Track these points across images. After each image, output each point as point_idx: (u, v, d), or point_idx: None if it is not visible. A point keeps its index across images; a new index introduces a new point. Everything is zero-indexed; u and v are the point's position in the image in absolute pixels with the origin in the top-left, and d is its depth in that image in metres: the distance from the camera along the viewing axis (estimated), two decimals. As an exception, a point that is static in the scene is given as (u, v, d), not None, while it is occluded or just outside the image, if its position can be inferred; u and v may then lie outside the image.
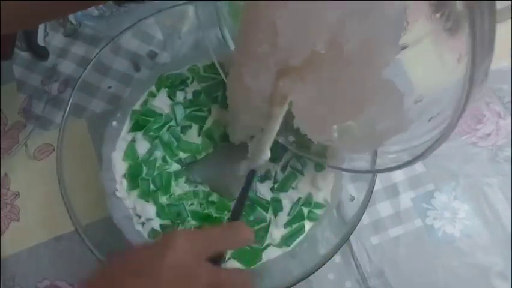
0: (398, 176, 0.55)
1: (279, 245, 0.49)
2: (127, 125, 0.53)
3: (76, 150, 0.50)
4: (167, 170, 0.51)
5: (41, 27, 0.63)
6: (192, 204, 0.50)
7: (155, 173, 0.51)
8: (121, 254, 0.34)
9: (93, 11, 0.60)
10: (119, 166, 0.51)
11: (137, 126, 0.53)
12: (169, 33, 0.58)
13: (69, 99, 0.49)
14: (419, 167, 0.55)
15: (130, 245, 0.39)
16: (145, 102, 0.54)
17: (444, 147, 0.55)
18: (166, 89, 0.54)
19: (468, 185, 0.54)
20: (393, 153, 0.40)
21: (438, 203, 0.54)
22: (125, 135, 0.53)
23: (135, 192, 0.50)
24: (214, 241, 0.34)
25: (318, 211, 0.50)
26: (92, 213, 0.48)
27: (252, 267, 0.47)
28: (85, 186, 0.49)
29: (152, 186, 0.50)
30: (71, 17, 0.64)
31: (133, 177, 0.50)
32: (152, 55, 0.58)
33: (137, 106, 0.54)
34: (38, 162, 0.57)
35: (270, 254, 0.48)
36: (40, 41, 0.62)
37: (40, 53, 0.62)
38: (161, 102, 0.54)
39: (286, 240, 0.49)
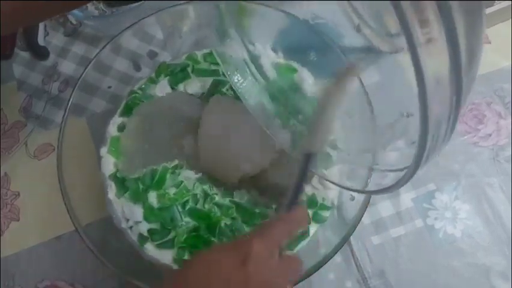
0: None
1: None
2: (120, 109, 0.53)
3: (76, 150, 0.50)
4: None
5: (41, 26, 0.63)
6: (187, 201, 0.47)
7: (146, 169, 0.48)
8: (190, 262, 0.36)
9: (93, 10, 0.60)
10: (108, 165, 0.50)
11: (128, 110, 0.52)
12: (169, 32, 0.58)
13: (69, 99, 0.49)
14: (419, 166, 0.55)
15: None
16: (144, 88, 0.54)
17: (446, 147, 0.55)
18: (168, 77, 0.54)
19: (469, 185, 0.54)
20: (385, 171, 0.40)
21: (439, 203, 0.53)
22: (115, 120, 0.52)
23: (125, 195, 0.48)
24: (280, 237, 0.36)
25: (324, 213, 0.49)
26: (92, 213, 0.48)
27: None
28: (85, 185, 0.49)
29: (141, 186, 0.48)
30: (71, 17, 0.64)
31: (120, 180, 0.49)
32: (153, 55, 0.58)
33: (136, 88, 0.54)
34: (38, 162, 0.57)
35: None
36: (40, 41, 0.62)
37: (40, 53, 0.62)
38: (162, 91, 0.53)
39: (289, 245, 0.47)
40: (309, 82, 0.53)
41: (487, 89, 0.58)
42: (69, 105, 0.49)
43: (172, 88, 0.54)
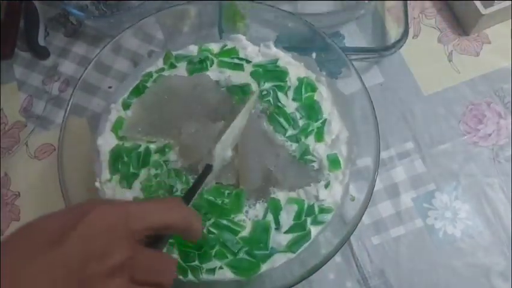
0: (399, 175, 0.54)
1: (284, 251, 0.47)
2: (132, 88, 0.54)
3: (77, 150, 0.50)
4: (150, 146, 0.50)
5: (42, 27, 0.63)
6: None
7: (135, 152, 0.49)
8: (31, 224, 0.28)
9: (94, 11, 0.60)
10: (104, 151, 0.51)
11: (138, 92, 0.53)
12: (169, 32, 0.58)
13: (70, 99, 0.49)
14: (419, 166, 0.55)
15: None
16: (160, 70, 0.54)
17: (445, 147, 0.55)
18: (185, 62, 0.54)
19: (469, 185, 0.54)
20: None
21: (439, 203, 0.53)
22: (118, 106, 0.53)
23: (116, 178, 0.49)
24: (143, 213, 0.29)
25: (325, 217, 0.48)
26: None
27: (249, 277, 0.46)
28: (86, 185, 0.49)
29: (132, 169, 0.49)
30: (71, 17, 0.64)
31: (115, 160, 0.49)
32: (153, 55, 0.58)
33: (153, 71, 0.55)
34: (39, 162, 0.57)
35: (275, 261, 0.46)
36: (41, 41, 0.62)
37: (41, 53, 0.62)
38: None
39: (291, 246, 0.47)
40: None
41: (487, 89, 0.58)
42: (69, 105, 0.49)
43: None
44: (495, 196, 0.53)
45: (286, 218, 0.47)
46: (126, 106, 0.53)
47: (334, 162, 0.49)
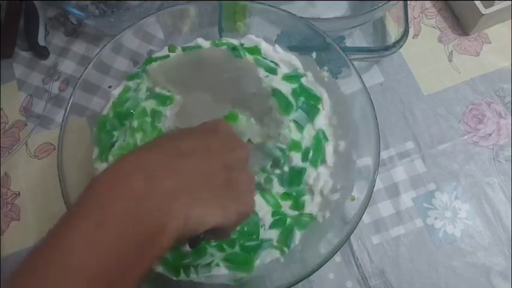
0: (399, 175, 0.55)
1: (276, 248, 0.47)
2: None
3: (77, 150, 0.50)
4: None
5: (42, 26, 0.63)
6: None
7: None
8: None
9: (94, 10, 0.60)
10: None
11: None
12: (169, 32, 0.58)
13: (70, 98, 0.49)
14: (419, 166, 0.55)
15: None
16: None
17: (446, 147, 0.55)
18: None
19: (469, 184, 0.54)
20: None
21: (439, 202, 0.53)
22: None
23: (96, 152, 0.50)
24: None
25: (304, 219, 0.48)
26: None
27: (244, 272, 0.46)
28: (86, 185, 0.49)
29: (113, 133, 0.49)
30: (71, 17, 0.64)
31: (100, 131, 0.50)
32: (153, 54, 0.57)
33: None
34: (39, 161, 0.57)
35: (266, 257, 0.47)
36: (41, 40, 0.62)
37: (41, 52, 0.62)
38: None
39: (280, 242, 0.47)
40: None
41: (487, 89, 0.58)
42: (69, 104, 0.49)
43: None
44: (495, 196, 0.53)
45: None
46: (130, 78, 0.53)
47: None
